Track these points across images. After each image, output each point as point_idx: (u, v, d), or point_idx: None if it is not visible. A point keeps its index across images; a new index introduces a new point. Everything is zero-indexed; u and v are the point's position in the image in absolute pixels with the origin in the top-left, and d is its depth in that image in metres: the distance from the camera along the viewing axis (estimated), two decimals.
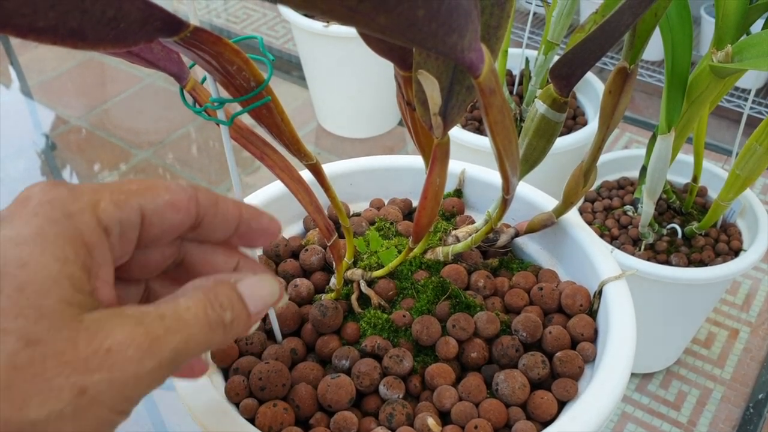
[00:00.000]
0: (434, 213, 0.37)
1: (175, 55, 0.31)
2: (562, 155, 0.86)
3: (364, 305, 0.45)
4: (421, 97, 0.31)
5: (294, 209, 0.52)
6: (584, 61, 0.35)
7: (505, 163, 0.32)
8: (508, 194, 0.37)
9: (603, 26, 0.33)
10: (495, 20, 0.30)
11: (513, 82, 1.00)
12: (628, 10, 0.32)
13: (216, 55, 0.29)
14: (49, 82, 1.57)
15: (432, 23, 0.20)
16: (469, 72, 0.25)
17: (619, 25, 0.33)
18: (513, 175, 0.34)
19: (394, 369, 0.40)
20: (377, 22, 0.19)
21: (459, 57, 0.23)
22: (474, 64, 0.24)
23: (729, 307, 0.98)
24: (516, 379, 0.39)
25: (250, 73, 0.31)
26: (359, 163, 0.54)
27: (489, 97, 0.26)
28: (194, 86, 0.33)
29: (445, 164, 0.34)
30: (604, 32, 0.33)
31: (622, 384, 0.37)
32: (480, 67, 0.25)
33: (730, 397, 0.86)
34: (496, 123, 0.28)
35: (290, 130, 0.35)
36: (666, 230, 0.78)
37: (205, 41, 0.27)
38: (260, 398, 0.38)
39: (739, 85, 1.37)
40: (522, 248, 0.50)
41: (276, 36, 1.71)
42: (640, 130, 1.32)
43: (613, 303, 0.41)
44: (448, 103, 0.32)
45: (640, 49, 0.39)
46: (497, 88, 0.27)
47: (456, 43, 0.22)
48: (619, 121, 0.40)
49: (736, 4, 0.58)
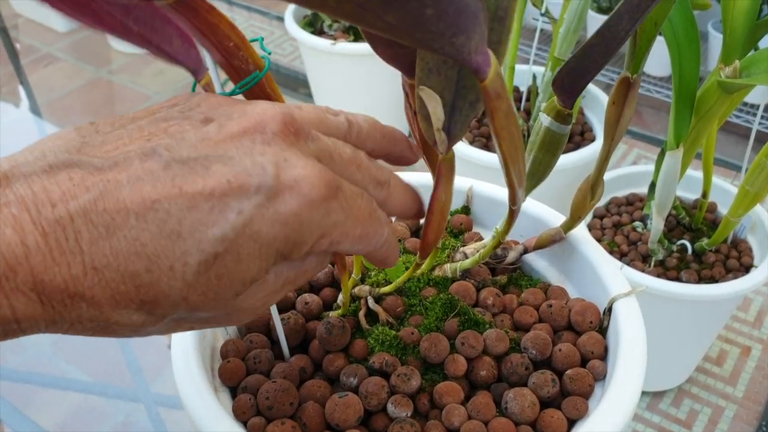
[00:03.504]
0: (441, 229, 0.37)
1: (194, 51, 0.32)
2: (571, 171, 0.85)
3: (372, 322, 0.44)
4: (424, 113, 0.31)
5: None
6: (586, 71, 0.35)
7: (510, 170, 0.31)
8: (515, 204, 0.36)
9: (602, 32, 0.33)
10: (496, 36, 0.29)
11: (520, 99, 1.00)
12: (626, 14, 0.32)
13: (211, 26, 0.29)
14: (57, 100, 1.58)
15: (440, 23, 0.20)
16: (475, 75, 0.25)
17: (618, 31, 0.32)
18: (519, 185, 0.34)
19: (402, 387, 0.39)
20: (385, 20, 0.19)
21: (466, 59, 0.23)
22: (481, 67, 0.24)
23: (741, 324, 0.97)
24: (525, 397, 0.38)
25: (247, 54, 0.31)
26: None
27: (495, 102, 0.26)
28: (208, 83, 0.33)
29: (450, 180, 0.34)
30: (603, 38, 0.33)
31: (633, 402, 0.36)
32: (487, 70, 0.25)
33: (743, 416, 0.85)
34: (502, 128, 0.28)
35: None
36: (676, 246, 0.78)
37: (198, 8, 0.28)
38: (268, 417, 0.38)
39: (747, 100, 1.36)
40: (531, 265, 0.50)
41: (283, 54, 1.72)
42: (648, 145, 1.32)
43: (624, 320, 0.41)
44: (451, 119, 0.31)
45: (642, 59, 0.39)
46: (503, 93, 0.26)
47: (463, 45, 0.22)
48: (623, 132, 0.40)
49: (744, 19, 0.58)
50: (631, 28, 0.32)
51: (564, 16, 0.81)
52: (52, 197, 0.21)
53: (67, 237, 0.21)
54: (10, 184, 0.21)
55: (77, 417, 0.89)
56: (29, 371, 0.96)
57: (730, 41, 0.60)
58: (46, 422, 0.89)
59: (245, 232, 0.23)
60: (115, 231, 0.21)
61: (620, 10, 0.32)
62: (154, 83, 1.63)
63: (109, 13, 0.27)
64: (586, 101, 1.00)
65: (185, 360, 0.39)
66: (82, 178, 0.22)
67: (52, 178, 0.22)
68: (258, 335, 0.44)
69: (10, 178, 0.21)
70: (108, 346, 0.98)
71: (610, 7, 1.54)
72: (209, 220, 0.22)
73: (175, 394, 0.49)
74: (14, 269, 0.20)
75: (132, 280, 0.22)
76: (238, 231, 0.22)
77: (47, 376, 0.95)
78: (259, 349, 0.42)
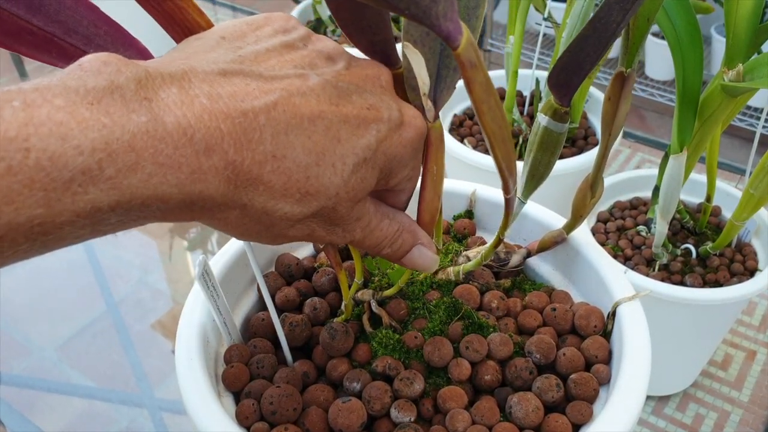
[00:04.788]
0: (435, 205, 0.35)
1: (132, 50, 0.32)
2: (574, 176, 0.85)
3: (375, 325, 0.44)
4: (412, 83, 0.32)
5: None
6: (580, 65, 0.35)
7: (496, 150, 0.31)
8: (508, 193, 0.36)
9: (593, 23, 0.33)
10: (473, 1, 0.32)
11: (524, 103, 1.00)
12: (616, 5, 0.32)
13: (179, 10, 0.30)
14: None
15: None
16: (447, 43, 0.26)
17: (609, 23, 0.32)
18: (507, 167, 0.33)
19: (405, 392, 0.39)
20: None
21: (435, 24, 0.24)
22: (451, 34, 0.25)
23: (746, 328, 0.96)
24: (530, 402, 0.38)
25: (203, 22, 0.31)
26: None
27: (470, 72, 0.27)
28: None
29: (441, 150, 0.33)
30: (595, 30, 0.33)
31: (638, 407, 0.36)
32: (458, 38, 0.25)
33: (749, 420, 0.85)
34: (481, 101, 0.28)
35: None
36: (680, 250, 0.78)
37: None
38: (271, 422, 0.38)
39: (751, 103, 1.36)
40: (534, 269, 0.50)
41: None
42: (652, 149, 1.31)
43: (628, 324, 0.41)
44: (437, 87, 0.33)
45: (635, 54, 0.39)
46: (479, 63, 0.27)
47: (429, 7, 0.23)
48: (621, 128, 0.40)
49: (747, 23, 0.58)
50: (622, 20, 0.32)
51: (566, 21, 0.81)
52: (236, 95, 0.25)
53: (253, 127, 0.25)
54: (192, 83, 0.24)
55: (81, 422, 0.89)
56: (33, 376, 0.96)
57: (733, 45, 0.60)
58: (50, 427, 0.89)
59: (380, 147, 0.29)
60: (294, 128, 0.26)
61: (610, 1, 0.32)
62: None
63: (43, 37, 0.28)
64: (589, 105, 1.00)
65: (189, 365, 0.39)
66: (258, 85, 0.26)
67: (230, 81, 0.25)
68: (261, 340, 0.44)
69: (191, 78, 0.25)
70: (112, 351, 0.98)
71: None
72: (359, 133, 0.28)
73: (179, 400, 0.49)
74: (212, 149, 0.24)
75: (304, 170, 0.26)
76: (378, 144, 0.28)
77: (51, 382, 0.95)
78: (263, 354, 0.42)
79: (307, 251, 0.53)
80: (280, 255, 0.50)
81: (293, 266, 0.49)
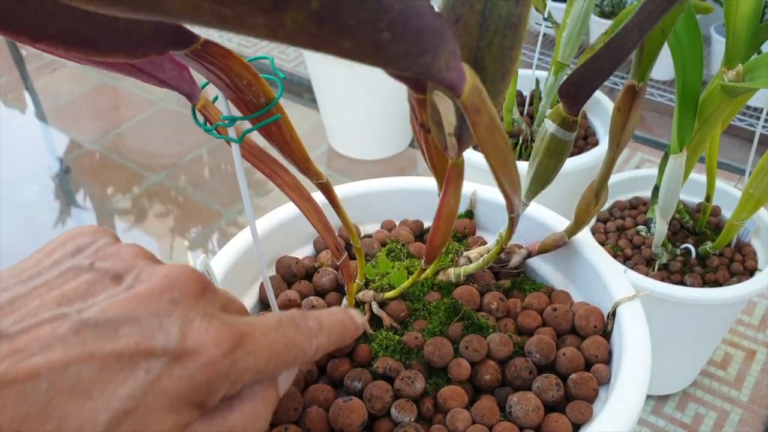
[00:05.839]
0: (447, 234, 0.37)
1: (186, 74, 0.31)
2: (574, 175, 0.85)
3: (376, 327, 0.44)
4: (436, 118, 0.31)
5: (306, 231, 0.52)
6: (592, 80, 0.35)
7: (502, 181, 0.31)
8: (513, 213, 0.36)
9: (609, 44, 0.33)
10: (509, 42, 0.30)
11: (523, 103, 1.01)
12: (636, 26, 0.32)
13: (225, 69, 0.29)
14: (63, 106, 1.59)
15: (400, 45, 0.20)
16: (451, 92, 0.25)
17: (626, 42, 0.33)
18: (513, 193, 0.33)
19: (406, 391, 0.39)
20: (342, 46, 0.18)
21: (437, 77, 0.23)
22: (455, 84, 0.24)
23: (745, 327, 0.96)
24: (530, 401, 0.38)
25: (259, 89, 0.31)
26: (371, 184, 0.54)
27: (474, 116, 0.26)
28: (205, 105, 0.33)
29: (459, 185, 0.34)
30: (610, 50, 0.33)
31: (638, 406, 0.36)
32: (461, 86, 0.24)
33: (748, 420, 0.85)
34: (485, 141, 0.28)
35: (300, 149, 0.35)
36: (680, 250, 0.78)
37: (215, 54, 0.28)
38: (271, 422, 0.38)
39: (750, 103, 1.36)
40: (534, 269, 0.50)
41: (287, 59, 1.72)
42: (651, 149, 1.32)
43: (627, 324, 0.41)
44: (462, 124, 0.31)
45: (649, 67, 0.39)
46: (482, 107, 0.26)
47: (431, 63, 0.22)
48: (629, 139, 0.40)
49: (747, 23, 0.58)
50: (639, 39, 0.32)
51: (567, 21, 0.81)
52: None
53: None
54: None
55: None
56: None
57: (732, 45, 0.60)
58: None
59: (154, 388, 0.24)
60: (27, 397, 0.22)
61: (629, 23, 0.32)
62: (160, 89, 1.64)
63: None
64: (589, 105, 1.00)
65: None
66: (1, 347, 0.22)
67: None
68: None
69: None
70: None
71: (612, 11, 1.54)
72: (119, 380, 0.23)
73: None
74: None
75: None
76: (147, 388, 0.23)
77: None
78: None
79: (307, 251, 0.53)
80: (279, 257, 0.50)
81: (294, 267, 0.49)
